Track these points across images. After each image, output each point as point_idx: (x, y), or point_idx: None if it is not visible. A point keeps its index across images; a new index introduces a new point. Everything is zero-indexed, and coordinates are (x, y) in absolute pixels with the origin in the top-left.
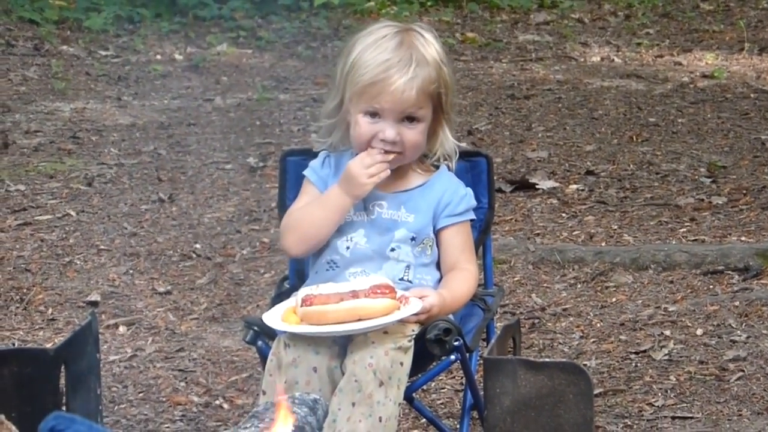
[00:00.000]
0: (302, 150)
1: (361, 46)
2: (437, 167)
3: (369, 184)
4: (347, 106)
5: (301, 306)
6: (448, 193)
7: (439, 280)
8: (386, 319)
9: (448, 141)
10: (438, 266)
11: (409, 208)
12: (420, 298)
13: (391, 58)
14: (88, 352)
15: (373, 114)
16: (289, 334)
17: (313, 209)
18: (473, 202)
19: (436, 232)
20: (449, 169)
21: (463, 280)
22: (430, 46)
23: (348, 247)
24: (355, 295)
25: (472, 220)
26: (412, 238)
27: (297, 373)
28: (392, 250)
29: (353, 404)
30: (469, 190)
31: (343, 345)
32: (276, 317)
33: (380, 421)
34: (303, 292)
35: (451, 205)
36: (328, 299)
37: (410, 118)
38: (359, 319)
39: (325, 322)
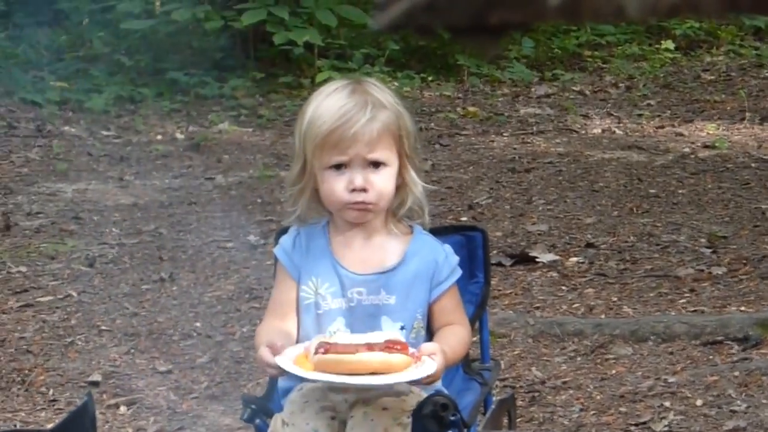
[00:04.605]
0: None
1: (315, 104)
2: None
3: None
4: (311, 166)
5: (315, 353)
6: (430, 264)
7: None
8: (401, 376)
9: (417, 186)
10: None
11: (389, 290)
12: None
13: (347, 104)
14: None
15: (339, 166)
16: (287, 412)
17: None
18: (455, 259)
19: (428, 306)
20: (423, 226)
21: (458, 334)
22: (384, 92)
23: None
24: (370, 347)
25: (456, 281)
26: (402, 327)
27: None
28: None
29: None
30: (448, 247)
31: (342, 421)
32: (289, 361)
33: None
34: (317, 340)
35: (436, 276)
36: (345, 349)
37: (375, 164)
38: (373, 373)
39: (339, 372)
